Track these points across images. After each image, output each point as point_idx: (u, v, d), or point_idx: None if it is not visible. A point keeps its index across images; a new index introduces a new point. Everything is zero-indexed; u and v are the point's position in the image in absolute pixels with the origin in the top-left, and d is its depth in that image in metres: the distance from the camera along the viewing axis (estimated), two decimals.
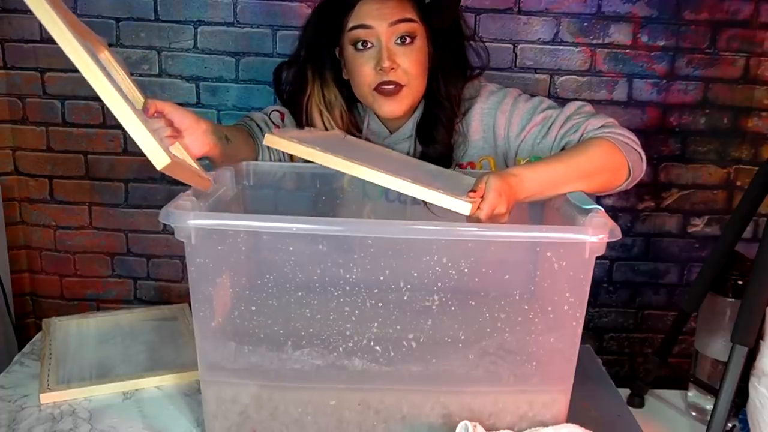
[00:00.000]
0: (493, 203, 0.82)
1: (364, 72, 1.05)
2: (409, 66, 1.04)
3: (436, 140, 1.10)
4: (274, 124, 1.16)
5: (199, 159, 0.94)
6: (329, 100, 1.11)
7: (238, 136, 1.08)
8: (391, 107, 1.06)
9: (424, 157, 1.11)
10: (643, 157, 1.02)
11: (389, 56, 1.03)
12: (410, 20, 1.04)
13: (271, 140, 0.86)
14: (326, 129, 1.12)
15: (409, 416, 0.85)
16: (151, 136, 0.71)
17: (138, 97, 0.89)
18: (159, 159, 0.72)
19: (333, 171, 1.11)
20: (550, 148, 1.05)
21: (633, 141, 1.01)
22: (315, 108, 1.11)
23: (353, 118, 1.15)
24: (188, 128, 0.90)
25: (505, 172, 0.88)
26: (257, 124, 1.15)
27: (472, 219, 0.83)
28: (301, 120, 1.13)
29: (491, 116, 1.10)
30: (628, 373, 1.94)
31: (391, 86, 1.04)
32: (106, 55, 0.89)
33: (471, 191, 0.83)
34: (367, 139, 1.15)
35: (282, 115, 1.17)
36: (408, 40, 1.04)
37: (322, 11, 1.11)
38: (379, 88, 1.05)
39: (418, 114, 1.13)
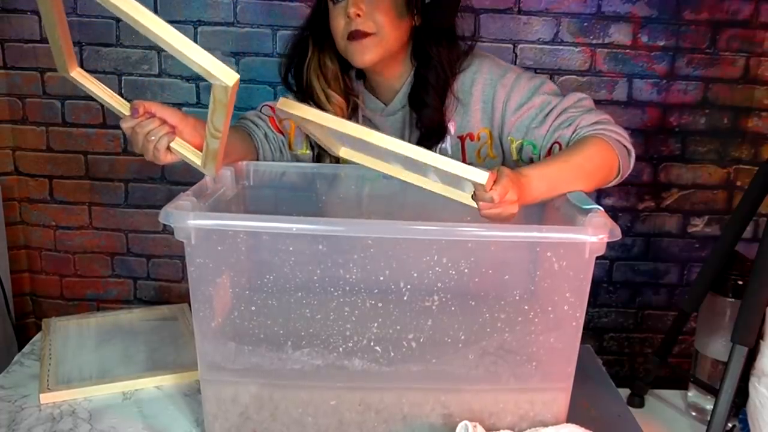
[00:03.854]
0: (506, 186, 0.81)
1: (338, 23, 1.07)
2: (376, 14, 1.05)
3: (428, 104, 1.11)
4: (267, 115, 1.18)
5: None
6: (325, 64, 1.14)
7: (232, 133, 1.08)
8: (362, 56, 1.07)
9: (418, 124, 1.13)
10: (632, 154, 1.03)
11: (354, 3, 1.04)
12: None
13: (285, 104, 0.86)
14: (324, 93, 1.14)
15: (410, 416, 0.85)
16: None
17: (123, 103, 0.91)
18: (228, 75, 0.69)
19: (332, 170, 1.13)
20: (542, 138, 1.06)
21: (624, 138, 1.02)
22: (313, 73, 1.14)
23: (348, 83, 1.17)
24: (178, 124, 0.91)
25: (515, 170, 0.88)
26: (252, 121, 1.16)
27: (485, 200, 0.81)
28: (301, 86, 1.16)
29: (492, 88, 1.11)
30: (628, 373, 1.94)
31: (359, 34, 1.06)
32: (79, 71, 0.90)
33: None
34: (364, 117, 1.18)
35: (273, 109, 1.19)
36: None
37: None
38: (349, 38, 1.06)
39: (409, 82, 1.14)
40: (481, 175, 0.79)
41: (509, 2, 1.72)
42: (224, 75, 0.69)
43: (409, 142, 1.14)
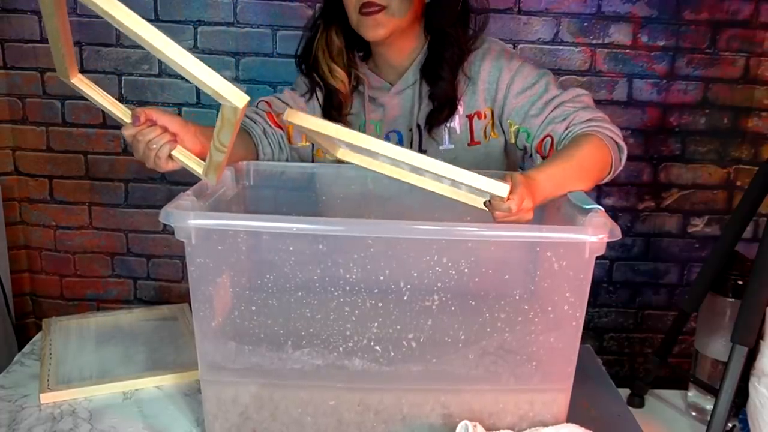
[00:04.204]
0: (522, 195, 0.81)
1: None
2: None
3: (443, 77, 1.13)
4: (264, 111, 1.18)
5: None
6: (331, 40, 1.16)
7: None
8: (374, 32, 1.08)
9: (431, 96, 1.15)
10: (624, 151, 1.05)
11: None
12: None
13: (291, 115, 0.85)
14: (327, 67, 1.16)
15: (409, 417, 0.85)
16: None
17: (124, 110, 0.91)
18: (238, 97, 0.70)
19: (333, 170, 1.13)
20: (537, 127, 1.08)
21: (617, 136, 1.03)
22: (320, 48, 1.16)
23: (352, 59, 1.19)
24: (179, 131, 0.91)
25: (524, 174, 0.88)
26: (249, 118, 1.16)
27: (503, 210, 0.81)
28: (308, 62, 1.18)
29: (498, 70, 1.13)
30: (628, 373, 1.94)
31: (372, 7, 1.06)
32: (80, 78, 0.90)
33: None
34: (370, 97, 1.19)
35: (269, 104, 1.19)
36: None
37: None
38: (362, 11, 1.07)
39: (420, 59, 1.16)
40: (500, 188, 0.79)
41: (509, 2, 1.72)
42: (234, 97, 0.71)
43: (420, 116, 1.16)
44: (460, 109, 1.15)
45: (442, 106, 1.14)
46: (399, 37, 1.12)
